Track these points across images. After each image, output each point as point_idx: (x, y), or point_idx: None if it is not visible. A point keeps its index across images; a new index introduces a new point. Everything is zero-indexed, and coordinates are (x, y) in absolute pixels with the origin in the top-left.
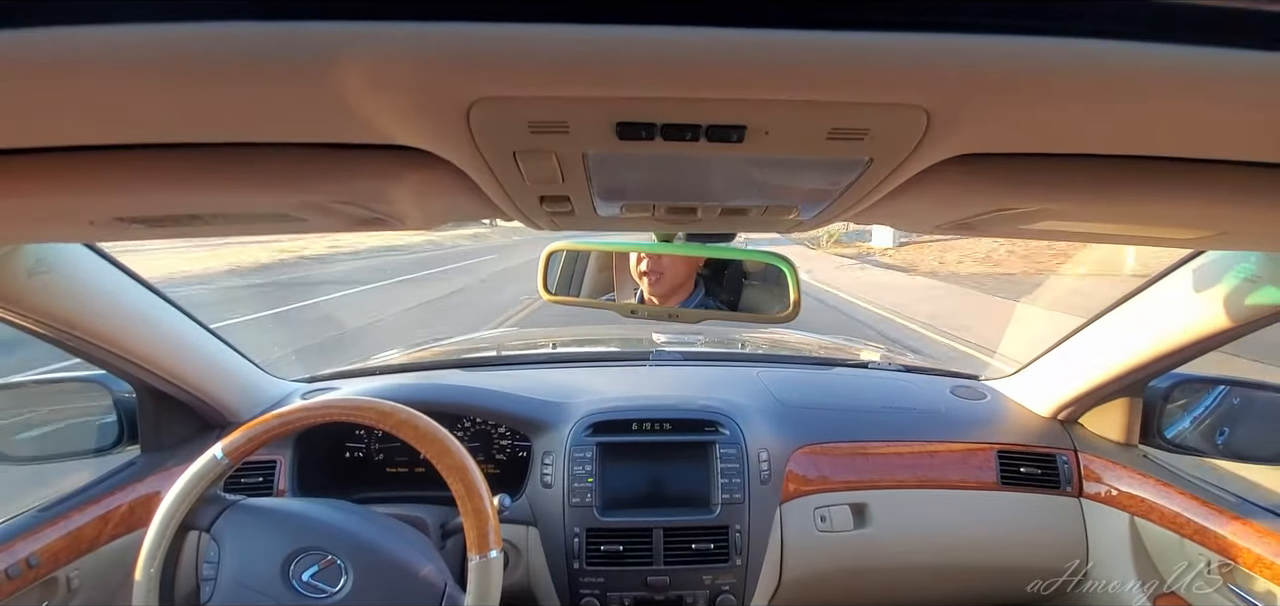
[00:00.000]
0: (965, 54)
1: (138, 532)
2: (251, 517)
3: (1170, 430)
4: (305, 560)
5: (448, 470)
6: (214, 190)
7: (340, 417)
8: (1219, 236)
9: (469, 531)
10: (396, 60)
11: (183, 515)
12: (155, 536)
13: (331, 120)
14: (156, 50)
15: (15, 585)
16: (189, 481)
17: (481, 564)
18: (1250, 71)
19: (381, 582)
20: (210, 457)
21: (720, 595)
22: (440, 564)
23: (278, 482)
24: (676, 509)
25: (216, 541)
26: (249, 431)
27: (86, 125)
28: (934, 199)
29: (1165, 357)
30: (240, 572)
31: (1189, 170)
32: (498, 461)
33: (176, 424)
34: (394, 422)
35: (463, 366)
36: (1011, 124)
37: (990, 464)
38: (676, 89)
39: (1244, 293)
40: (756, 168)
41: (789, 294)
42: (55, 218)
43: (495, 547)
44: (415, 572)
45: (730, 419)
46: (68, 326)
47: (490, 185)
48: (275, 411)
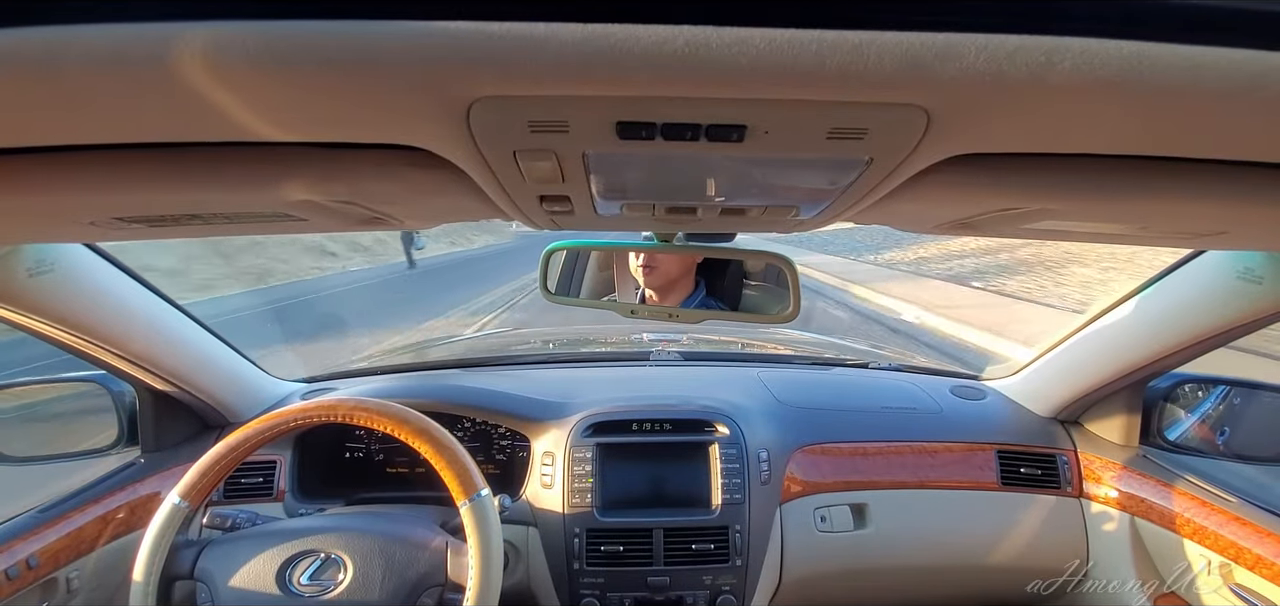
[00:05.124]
0: (965, 54)
1: (137, 533)
2: (235, 547)
3: (1171, 430)
4: (301, 563)
5: (411, 435)
6: (214, 190)
7: (290, 429)
8: (1219, 236)
9: (450, 483)
10: (396, 60)
11: (160, 569)
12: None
13: (332, 120)
14: (157, 50)
15: (15, 586)
16: (155, 536)
17: (471, 506)
18: (1250, 71)
19: (382, 560)
20: (169, 507)
21: (720, 595)
22: (439, 529)
23: (277, 483)
24: (676, 509)
25: (205, 582)
26: (200, 467)
27: (86, 125)
28: (934, 199)
29: (1165, 358)
30: (239, 597)
31: (1189, 170)
32: (498, 461)
33: (176, 424)
34: (344, 412)
35: (463, 366)
36: (1011, 124)
37: (990, 464)
38: (677, 88)
39: (1244, 292)
40: (756, 167)
41: (789, 294)
42: (55, 218)
43: (482, 487)
44: (414, 541)
45: (730, 419)
46: (68, 326)
47: (490, 184)
48: (224, 441)
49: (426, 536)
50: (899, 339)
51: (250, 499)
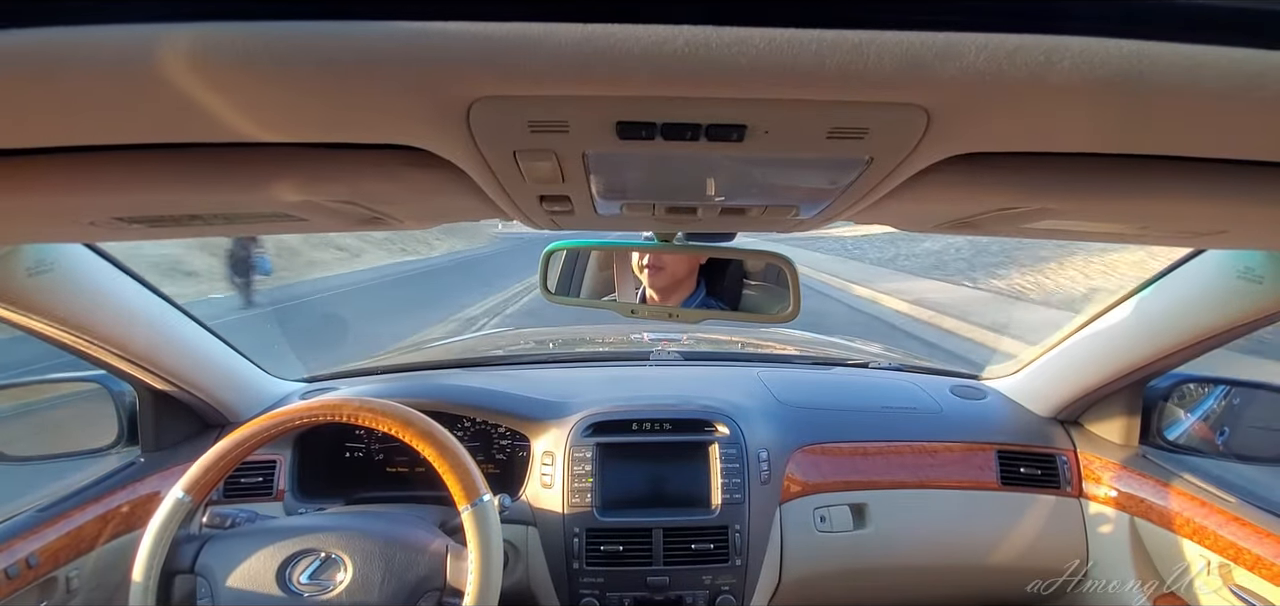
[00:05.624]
0: (965, 53)
1: (137, 532)
2: (236, 542)
3: (1170, 430)
4: (301, 562)
5: (415, 437)
6: (214, 190)
7: (294, 426)
8: (1219, 236)
9: (453, 487)
10: (396, 60)
11: (160, 564)
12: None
13: (332, 120)
14: (156, 50)
15: (15, 585)
16: (158, 529)
17: (473, 511)
18: (1250, 71)
19: (382, 562)
20: (172, 500)
21: (720, 595)
22: (438, 532)
23: (277, 483)
24: (676, 509)
25: (205, 577)
26: (204, 463)
27: (86, 125)
28: (934, 198)
29: (1165, 358)
30: (237, 597)
31: (1189, 170)
32: (497, 461)
33: (177, 423)
34: (348, 413)
35: (463, 366)
36: (1011, 123)
37: (990, 464)
38: (676, 88)
39: (1244, 292)
40: (757, 167)
41: (790, 293)
42: (55, 217)
43: (484, 492)
44: (414, 544)
45: (730, 419)
46: (68, 326)
47: (490, 185)
48: (228, 437)
49: (426, 539)
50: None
51: (250, 498)
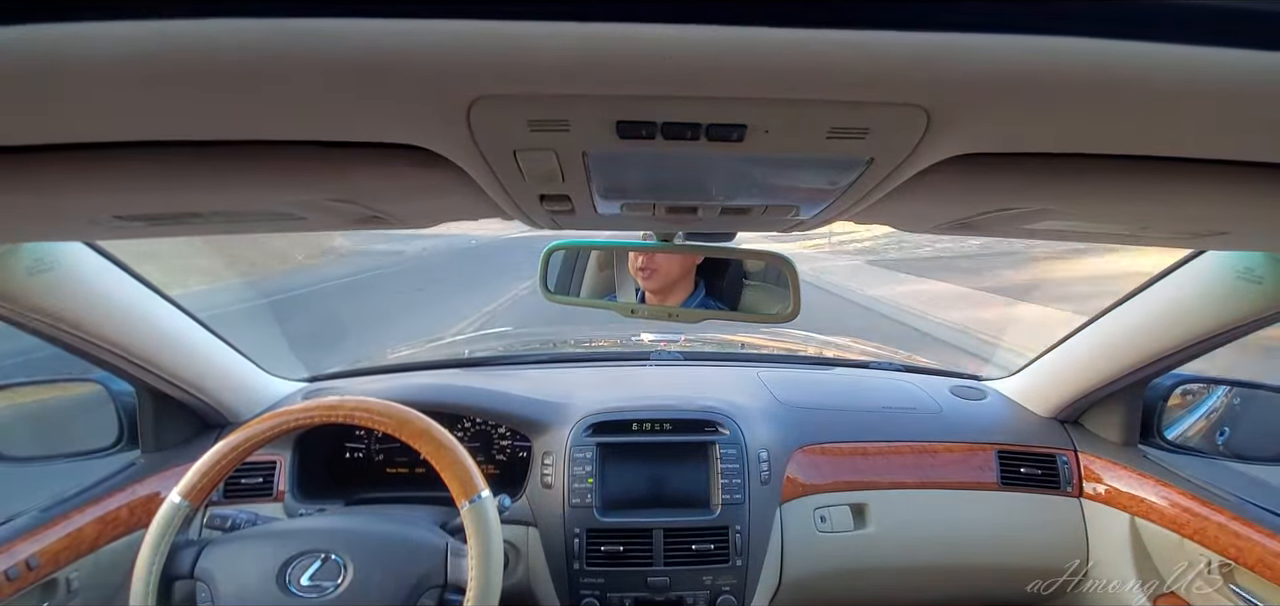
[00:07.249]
0: (965, 54)
1: (138, 533)
2: (235, 546)
3: (1171, 430)
4: (301, 564)
5: (413, 436)
6: (214, 189)
7: (292, 428)
8: (1219, 236)
9: (451, 484)
10: (397, 59)
11: (160, 570)
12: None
13: (331, 119)
14: (156, 48)
15: (15, 586)
16: (156, 535)
17: (472, 507)
18: (1250, 71)
19: (382, 562)
20: (170, 506)
21: (720, 595)
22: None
23: (277, 483)
24: (677, 509)
25: (205, 582)
26: (201, 467)
27: (86, 124)
28: (934, 199)
29: (1165, 358)
30: (238, 601)
31: (1189, 170)
32: (498, 461)
33: (176, 424)
34: (346, 413)
35: (463, 366)
36: (1011, 124)
37: (990, 464)
38: (677, 87)
39: (1244, 292)
40: (757, 167)
41: (790, 293)
42: (55, 217)
43: (483, 488)
44: (414, 542)
45: (730, 419)
46: (67, 325)
47: (490, 184)
48: (225, 440)
49: (426, 537)
50: None
51: (250, 499)
